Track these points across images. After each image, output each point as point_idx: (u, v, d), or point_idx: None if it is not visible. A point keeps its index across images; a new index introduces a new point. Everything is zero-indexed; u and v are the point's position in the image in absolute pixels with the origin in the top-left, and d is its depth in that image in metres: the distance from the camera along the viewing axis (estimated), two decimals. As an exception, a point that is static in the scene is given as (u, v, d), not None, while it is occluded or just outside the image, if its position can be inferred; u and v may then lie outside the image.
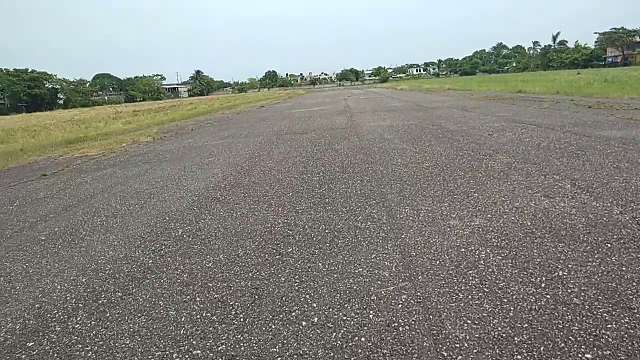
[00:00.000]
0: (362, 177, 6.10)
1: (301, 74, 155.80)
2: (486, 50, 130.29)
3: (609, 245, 3.26)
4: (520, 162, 6.32)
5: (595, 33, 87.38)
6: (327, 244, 3.67)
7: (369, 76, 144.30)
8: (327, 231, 3.99)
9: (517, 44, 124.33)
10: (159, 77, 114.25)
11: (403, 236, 3.71)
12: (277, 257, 3.49)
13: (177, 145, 11.99)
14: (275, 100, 44.98)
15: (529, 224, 3.81)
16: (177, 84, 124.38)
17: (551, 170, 5.73)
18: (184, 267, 3.46)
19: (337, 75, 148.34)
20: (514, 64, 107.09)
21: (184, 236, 4.20)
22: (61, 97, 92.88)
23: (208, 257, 3.62)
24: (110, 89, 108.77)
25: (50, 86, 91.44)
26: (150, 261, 3.63)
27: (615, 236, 3.41)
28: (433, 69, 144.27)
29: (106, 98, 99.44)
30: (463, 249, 3.35)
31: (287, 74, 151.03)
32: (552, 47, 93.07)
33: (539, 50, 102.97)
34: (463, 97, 23.97)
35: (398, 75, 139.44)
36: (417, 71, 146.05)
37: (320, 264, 3.28)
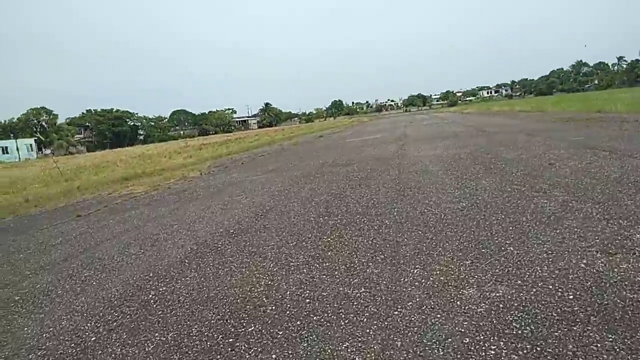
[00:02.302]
0: (383, 221, 5.29)
1: (367, 102, 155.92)
2: (564, 69, 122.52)
3: (685, 342, 2.23)
4: (580, 201, 5.18)
5: (691, 43, 78.94)
6: (299, 322, 2.94)
7: (437, 100, 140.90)
8: (307, 300, 3.26)
9: (599, 61, 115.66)
10: (230, 110, 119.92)
11: (396, 314, 2.88)
12: (231, 340, 2.81)
13: (219, 181, 11.84)
14: (337, 129, 44.92)
15: (571, 297, 2.83)
16: (247, 117, 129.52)
17: (618, 212, 4.57)
18: (122, 349, 2.89)
19: (404, 101, 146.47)
20: (596, 82, 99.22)
21: (151, 302, 3.67)
22: (141, 133, 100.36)
23: (156, 334, 3.03)
24: (186, 123, 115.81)
25: (132, 124, 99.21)
26: (93, 338, 3.12)
27: (697, 325, 2.36)
28: (505, 90, 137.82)
29: (182, 133, 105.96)
30: (467, 339, 2.47)
31: (352, 102, 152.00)
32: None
33: (624, 66, 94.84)
34: (533, 120, 22.11)
35: (468, 99, 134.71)
36: (488, 93, 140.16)
37: (274, 356, 2.56)
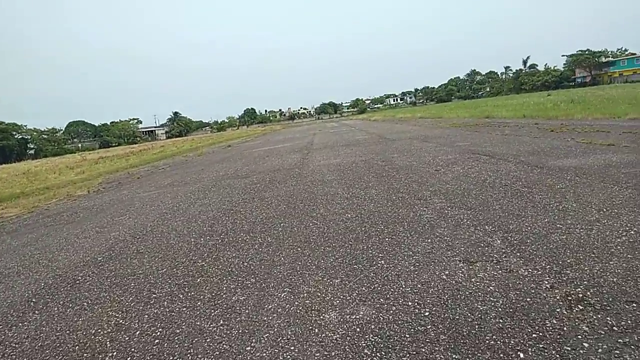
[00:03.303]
0: (265, 238, 5.05)
1: (280, 110, 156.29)
2: (460, 77, 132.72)
3: (523, 348, 2.24)
4: (455, 207, 5.36)
5: (563, 56, 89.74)
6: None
7: (347, 108, 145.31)
8: (156, 342, 2.91)
9: (490, 70, 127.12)
10: (135, 120, 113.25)
11: (247, 349, 2.63)
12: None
13: (106, 199, 10.85)
14: (247, 137, 44.23)
15: (427, 314, 2.78)
16: (155, 127, 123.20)
17: (485, 217, 4.77)
18: None
19: (316, 109, 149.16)
20: (488, 89, 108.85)
21: (-33, 358, 3.07)
22: (32, 147, 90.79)
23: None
24: (85, 135, 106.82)
25: (20, 137, 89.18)
26: None
27: (536, 333, 2.40)
28: (410, 97, 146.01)
29: (80, 145, 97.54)
30: (315, 373, 2.29)
31: (266, 110, 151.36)
32: (523, 71, 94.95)
33: (511, 75, 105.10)
34: (430, 126, 23.41)
35: (376, 106, 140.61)
36: (394, 101, 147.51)
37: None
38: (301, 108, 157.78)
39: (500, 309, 2.72)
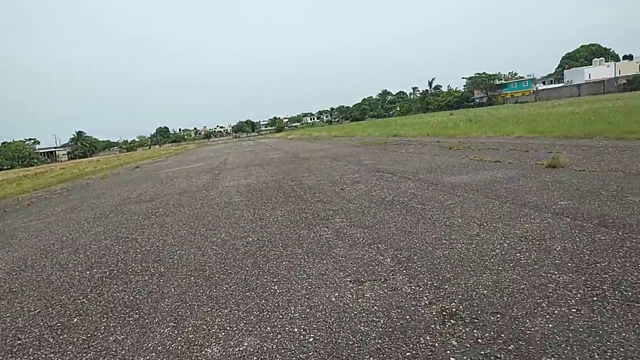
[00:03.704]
0: (157, 269, 4.78)
1: (195, 128, 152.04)
2: (373, 97, 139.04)
3: (393, 376, 2.28)
4: (354, 226, 5.49)
5: (463, 78, 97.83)
6: None
7: (265, 127, 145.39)
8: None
9: (400, 90, 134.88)
10: (32, 141, 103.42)
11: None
12: None
13: (-15, 230, 9.66)
14: (158, 158, 42.29)
15: (311, 339, 2.76)
16: (56, 147, 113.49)
17: (380, 235, 4.93)
18: None
19: (233, 128, 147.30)
20: (398, 108, 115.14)
21: None
22: None
23: None
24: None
25: None
26: None
27: (410, 351, 2.47)
28: (326, 116, 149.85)
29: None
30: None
31: (180, 129, 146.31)
32: (429, 92, 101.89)
33: (418, 95, 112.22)
34: (343, 145, 24.07)
35: (294, 125, 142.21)
36: (311, 119, 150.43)
37: None
38: (217, 126, 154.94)
39: (380, 329, 2.78)
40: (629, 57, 73.35)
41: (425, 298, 3.16)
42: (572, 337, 2.40)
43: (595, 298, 2.82)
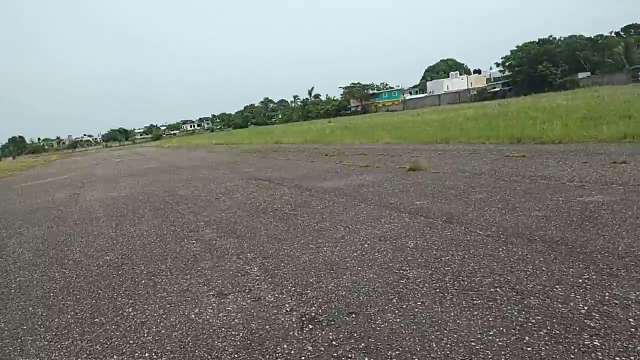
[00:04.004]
0: (-11, 300, 4.09)
1: (58, 137, 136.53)
2: (255, 105, 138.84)
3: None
4: (225, 237, 5.32)
5: (340, 87, 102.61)
6: None
7: (141, 135, 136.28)
8: None
9: (282, 98, 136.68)
10: None
11: None
12: None
13: None
14: (9, 172, 37.01)
15: (162, 364, 2.56)
16: None
17: (250, 245, 4.84)
18: None
19: (104, 136, 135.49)
20: (280, 116, 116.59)
21: None
22: None
23: None
24: None
25: None
26: None
27: (264, 365, 2.41)
28: (207, 124, 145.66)
29: None
30: None
31: (39, 139, 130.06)
32: (309, 100, 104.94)
33: (299, 103, 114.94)
34: (223, 152, 23.56)
35: (172, 132, 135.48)
36: (191, 127, 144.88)
37: None
38: (85, 135, 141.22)
39: (238, 343, 2.68)
40: (478, 72, 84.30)
41: (287, 305, 3.14)
42: (416, 330, 2.56)
43: (437, 290, 3.06)
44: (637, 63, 43.61)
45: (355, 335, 2.60)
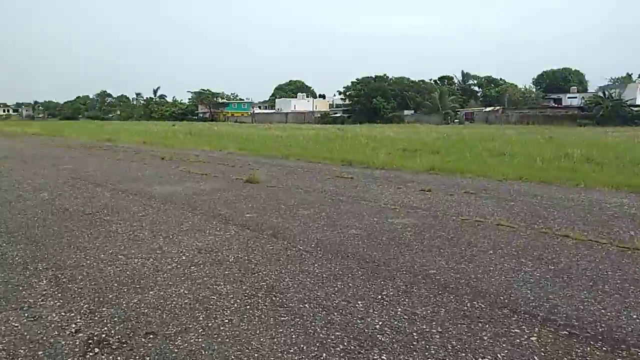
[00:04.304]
0: None
1: None
2: (90, 96, 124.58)
3: None
4: (12, 243, 4.47)
5: (188, 91, 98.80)
6: None
7: None
8: None
9: (122, 94, 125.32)
10: None
11: None
12: None
13: None
14: None
15: None
16: None
17: (45, 253, 4.15)
18: None
19: None
20: (119, 112, 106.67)
21: None
22: None
23: None
24: None
25: None
26: None
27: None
28: (27, 110, 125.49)
29: None
30: None
31: None
32: (154, 100, 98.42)
33: (142, 102, 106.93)
34: (43, 144, 20.41)
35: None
36: (4, 111, 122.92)
37: None
38: None
39: (-5, 376, 2.17)
40: (323, 96, 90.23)
41: (74, 325, 2.70)
42: (217, 350, 2.42)
43: (248, 306, 2.97)
44: (448, 108, 51.81)
45: (147, 359, 2.33)
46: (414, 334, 2.59)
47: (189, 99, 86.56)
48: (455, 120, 49.97)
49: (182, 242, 4.48)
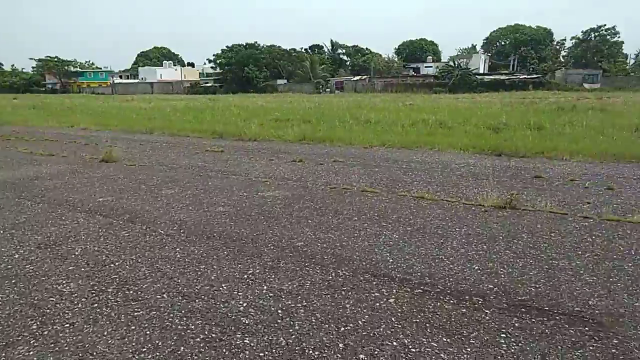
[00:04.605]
0: None
1: None
2: None
3: None
4: None
5: (31, 59, 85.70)
6: None
7: None
8: None
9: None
10: None
11: None
12: None
13: None
14: None
15: None
16: None
17: None
18: None
19: None
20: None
21: None
22: None
23: None
24: None
25: None
26: None
27: None
28: None
29: None
30: None
31: None
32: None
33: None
34: None
35: None
36: None
37: None
38: None
39: None
40: (192, 65, 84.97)
41: None
42: (52, 363, 2.08)
43: (96, 305, 2.63)
44: (319, 77, 52.82)
45: (-44, 389, 1.91)
46: (279, 311, 2.53)
47: (33, 67, 75.23)
48: (327, 89, 51.29)
49: (14, 238, 3.83)
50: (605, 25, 49.04)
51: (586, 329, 2.32)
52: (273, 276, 3.00)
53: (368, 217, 4.32)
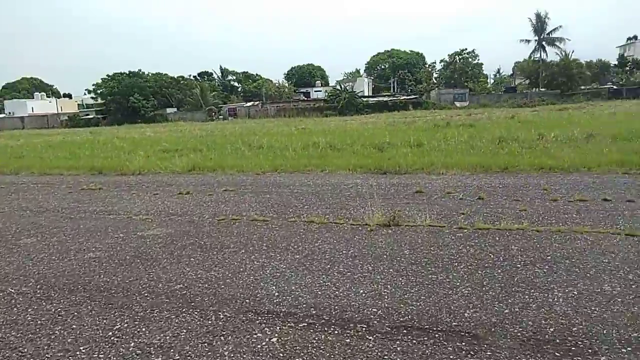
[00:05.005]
0: None
1: None
2: None
3: None
4: None
5: None
6: None
7: None
8: None
9: None
10: None
11: None
12: None
13: None
14: None
15: None
16: None
17: None
18: None
19: None
20: None
21: None
22: None
23: None
24: None
25: None
26: None
27: None
28: None
29: None
30: None
31: None
32: None
33: None
34: None
35: None
36: None
37: None
38: None
39: None
40: (69, 96, 77.96)
41: None
42: None
43: None
44: (210, 104, 51.77)
45: None
46: (150, 371, 2.24)
47: None
48: (220, 116, 50.43)
49: None
50: (466, 49, 55.04)
51: (463, 343, 2.38)
52: (144, 329, 2.68)
53: (256, 249, 4.15)
